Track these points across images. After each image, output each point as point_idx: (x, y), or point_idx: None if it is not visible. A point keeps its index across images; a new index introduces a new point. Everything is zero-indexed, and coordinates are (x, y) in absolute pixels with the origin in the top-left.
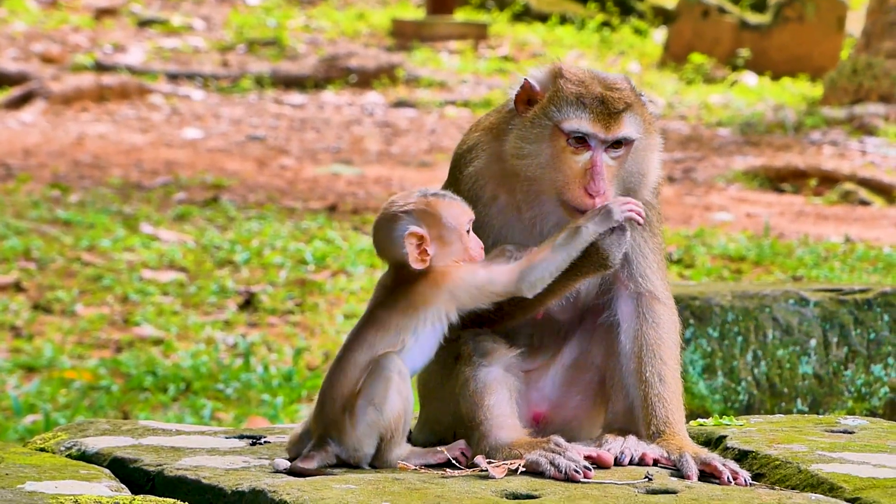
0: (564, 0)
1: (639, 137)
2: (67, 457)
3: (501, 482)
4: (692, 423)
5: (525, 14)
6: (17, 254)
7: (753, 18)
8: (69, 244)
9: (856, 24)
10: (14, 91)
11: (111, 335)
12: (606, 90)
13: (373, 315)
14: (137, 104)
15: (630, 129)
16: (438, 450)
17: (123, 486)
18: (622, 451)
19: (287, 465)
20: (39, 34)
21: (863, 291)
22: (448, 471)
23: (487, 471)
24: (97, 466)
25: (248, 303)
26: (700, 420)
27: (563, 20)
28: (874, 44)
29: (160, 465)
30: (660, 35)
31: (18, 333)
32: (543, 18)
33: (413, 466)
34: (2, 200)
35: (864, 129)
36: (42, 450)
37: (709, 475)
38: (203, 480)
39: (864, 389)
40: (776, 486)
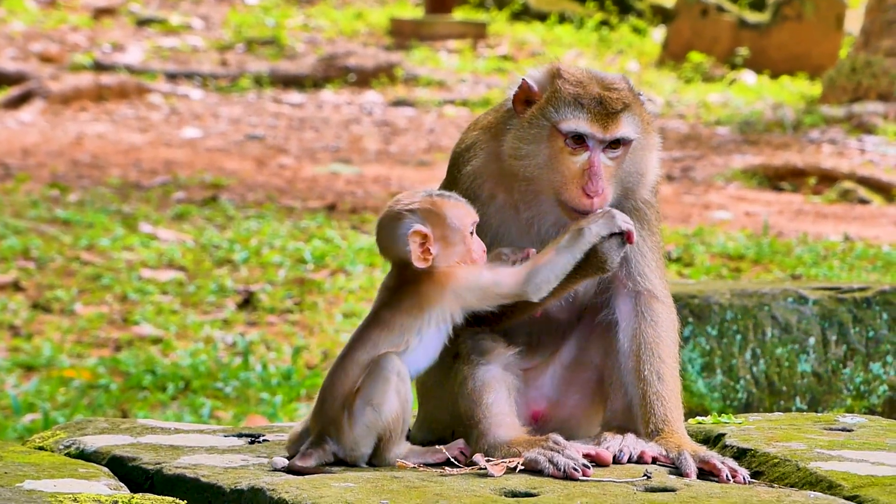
0: None
1: (637, 137)
2: (66, 455)
3: (500, 480)
4: (691, 422)
5: (524, 13)
6: (16, 253)
7: (752, 17)
8: (68, 243)
9: (854, 23)
10: (13, 91)
11: (110, 334)
12: (604, 90)
13: (377, 316)
14: (136, 104)
15: (628, 129)
16: (437, 448)
17: (122, 485)
18: (621, 450)
19: (285, 464)
20: (38, 34)
21: (861, 290)
22: (447, 469)
23: (486, 469)
24: (96, 465)
25: (247, 302)
26: (699, 418)
27: (562, 19)
28: (873, 42)
29: (159, 464)
30: (658, 34)
31: (17, 332)
32: (542, 17)
33: (412, 465)
34: (1, 200)
35: (863, 128)
36: (41, 448)
37: (707, 473)
38: (202, 479)
39: (863, 387)
40: (775, 484)
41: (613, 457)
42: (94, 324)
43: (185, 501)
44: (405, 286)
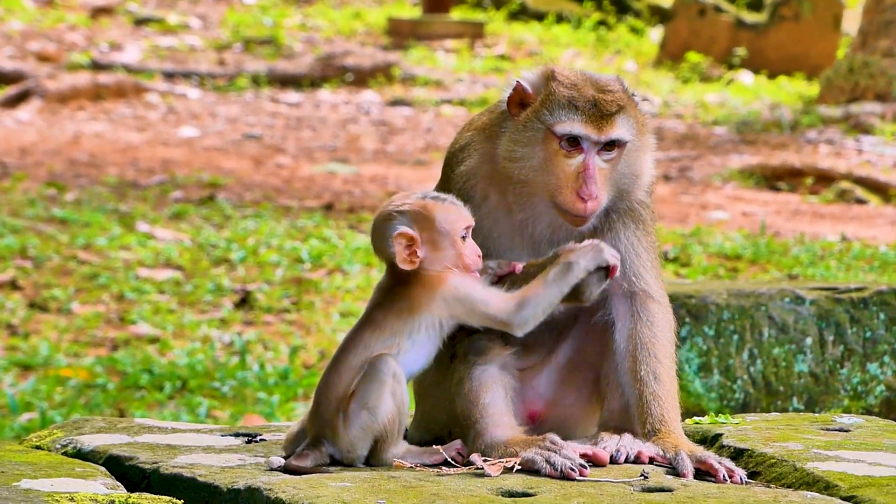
0: None
1: (632, 139)
2: (63, 455)
3: (497, 480)
4: (688, 422)
5: (521, 13)
6: (14, 252)
7: (750, 17)
8: (65, 242)
9: (852, 23)
10: (10, 90)
11: (107, 333)
12: (599, 92)
13: (370, 316)
14: (134, 103)
15: (623, 131)
16: (435, 449)
17: (119, 484)
18: (618, 450)
19: (282, 463)
20: (36, 33)
21: (859, 290)
22: (444, 469)
23: (483, 469)
24: (93, 464)
25: (244, 301)
26: (696, 418)
27: (560, 19)
28: (870, 42)
29: (156, 463)
30: (656, 34)
31: (14, 331)
32: (540, 17)
33: (409, 465)
34: None
35: (861, 128)
36: (38, 447)
37: (704, 473)
38: (199, 478)
39: (860, 388)
40: (772, 485)
41: (610, 457)
42: (91, 323)
43: (182, 501)
44: (397, 288)
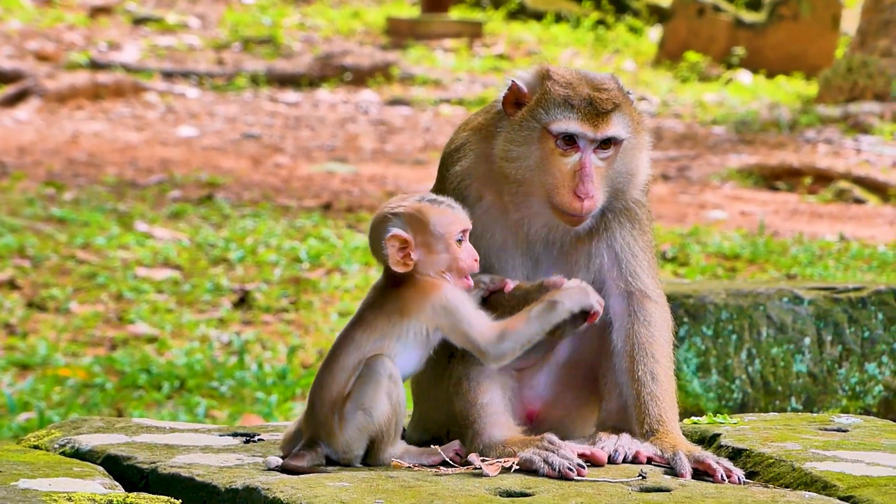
0: None
1: (627, 137)
2: (61, 454)
3: (495, 480)
4: (686, 422)
5: (520, 12)
6: (12, 251)
7: (748, 17)
8: (63, 242)
9: (851, 23)
10: (9, 89)
11: (105, 333)
12: (594, 90)
13: (362, 316)
14: (132, 102)
15: (618, 129)
16: (433, 449)
17: (117, 484)
18: (616, 450)
19: (279, 463)
20: (34, 32)
21: (857, 290)
22: (442, 469)
23: (481, 469)
24: (91, 464)
25: (243, 301)
26: (694, 418)
27: (558, 18)
28: (869, 42)
29: (154, 463)
30: (655, 33)
31: (12, 331)
32: (538, 17)
33: (407, 464)
34: None
35: (859, 128)
36: (36, 447)
37: (702, 473)
38: (197, 478)
39: (858, 388)
40: (770, 485)
41: (608, 457)
42: (90, 322)
43: (180, 501)
44: (390, 289)
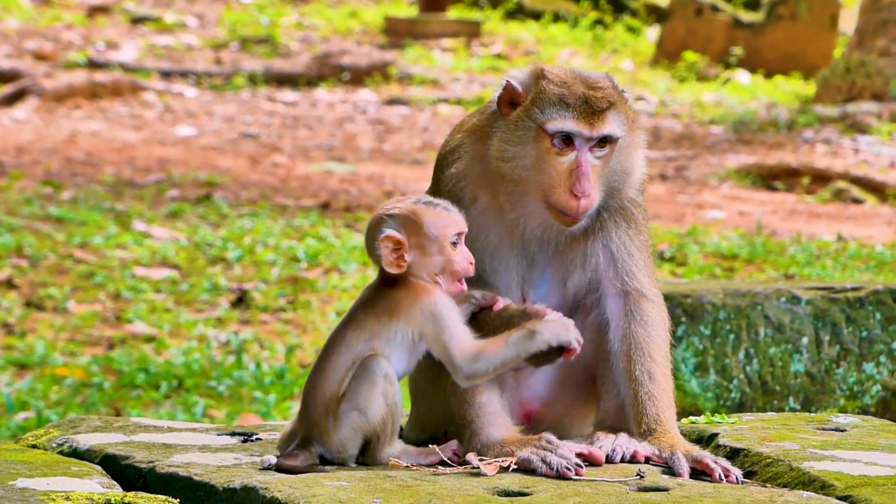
0: None
1: (623, 135)
2: (59, 453)
3: (493, 479)
4: (684, 421)
5: (518, 12)
6: (10, 251)
7: (746, 16)
8: (61, 241)
9: (849, 22)
10: (7, 88)
11: (103, 332)
12: (589, 89)
13: (353, 316)
14: (130, 101)
15: (614, 127)
16: (431, 449)
17: (115, 483)
18: (613, 449)
19: (274, 462)
20: (32, 31)
21: (855, 290)
22: (440, 468)
23: (479, 468)
24: (89, 463)
25: (241, 300)
26: (692, 418)
27: (557, 18)
28: (867, 42)
29: (152, 462)
30: (653, 33)
31: (11, 330)
32: (536, 16)
33: (405, 464)
34: None
35: (857, 128)
36: (34, 446)
37: (700, 473)
38: (195, 477)
39: (856, 387)
40: (768, 484)
41: (606, 456)
42: (88, 322)
43: (178, 500)
44: (384, 289)
